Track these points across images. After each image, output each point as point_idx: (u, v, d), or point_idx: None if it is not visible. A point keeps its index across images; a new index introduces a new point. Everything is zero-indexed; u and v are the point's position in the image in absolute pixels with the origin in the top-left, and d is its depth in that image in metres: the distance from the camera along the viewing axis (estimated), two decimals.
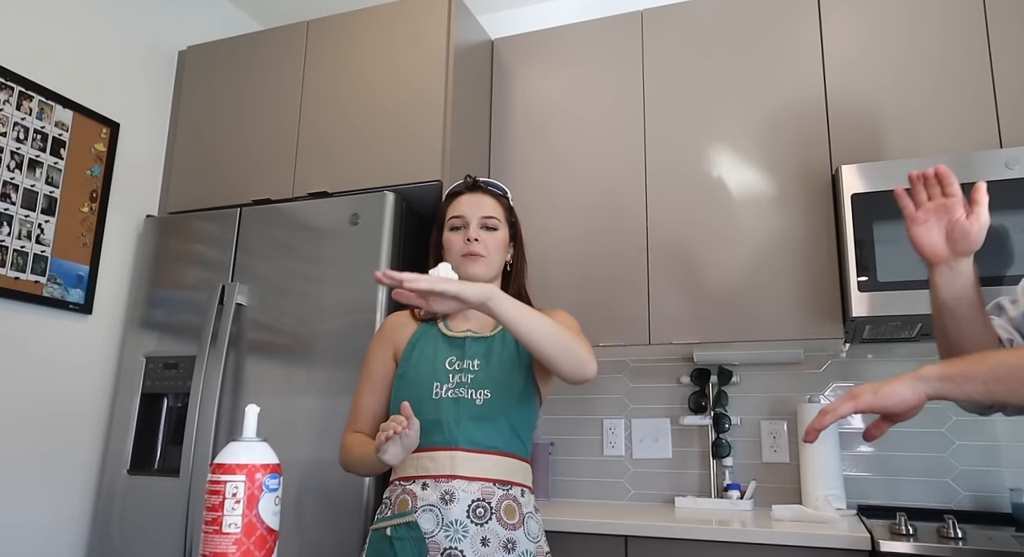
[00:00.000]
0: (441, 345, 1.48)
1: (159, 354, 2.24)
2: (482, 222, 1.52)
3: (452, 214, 1.54)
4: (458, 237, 1.51)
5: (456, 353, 1.46)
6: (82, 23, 2.39)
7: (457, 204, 1.55)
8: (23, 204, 2.15)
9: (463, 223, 1.52)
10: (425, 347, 1.48)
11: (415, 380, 1.44)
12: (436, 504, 1.34)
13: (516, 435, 1.42)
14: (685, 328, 2.15)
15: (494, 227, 1.53)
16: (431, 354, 1.46)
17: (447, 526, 1.32)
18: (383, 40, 2.35)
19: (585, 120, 2.41)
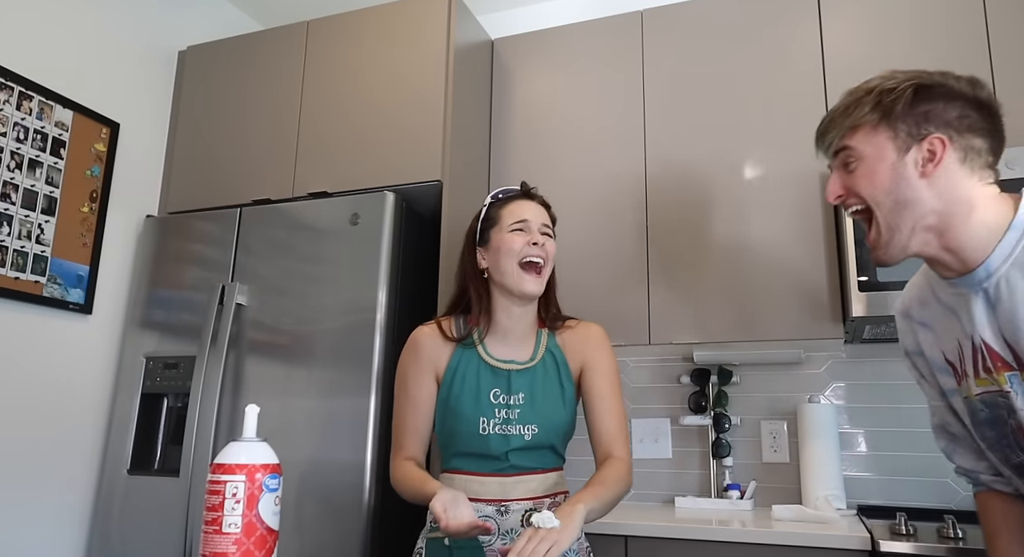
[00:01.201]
0: (484, 374, 1.47)
1: (159, 354, 2.24)
2: (542, 229, 1.52)
3: (514, 218, 1.51)
4: (521, 238, 1.49)
5: (501, 386, 1.46)
6: (82, 23, 2.39)
7: (518, 208, 1.53)
8: (23, 204, 2.15)
9: (527, 227, 1.50)
10: (467, 375, 1.47)
11: (460, 413, 1.44)
12: (492, 515, 1.40)
13: (558, 454, 1.50)
14: (685, 328, 2.15)
15: (550, 235, 1.54)
16: (474, 385, 1.46)
17: (503, 535, 1.38)
18: (383, 40, 2.35)
19: (585, 120, 2.40)
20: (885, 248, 1.04)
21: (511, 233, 1.50)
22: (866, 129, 1.04)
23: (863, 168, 1.04)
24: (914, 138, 1.01)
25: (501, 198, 1.57)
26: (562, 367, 1.51)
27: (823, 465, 2.07)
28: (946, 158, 1.00)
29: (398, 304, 2.05)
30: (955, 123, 1.01)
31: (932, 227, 1.00)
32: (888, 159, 1.02)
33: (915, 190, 1.00)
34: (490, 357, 1.49)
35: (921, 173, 1.00)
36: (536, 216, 1.52)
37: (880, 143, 1.03)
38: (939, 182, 1.00)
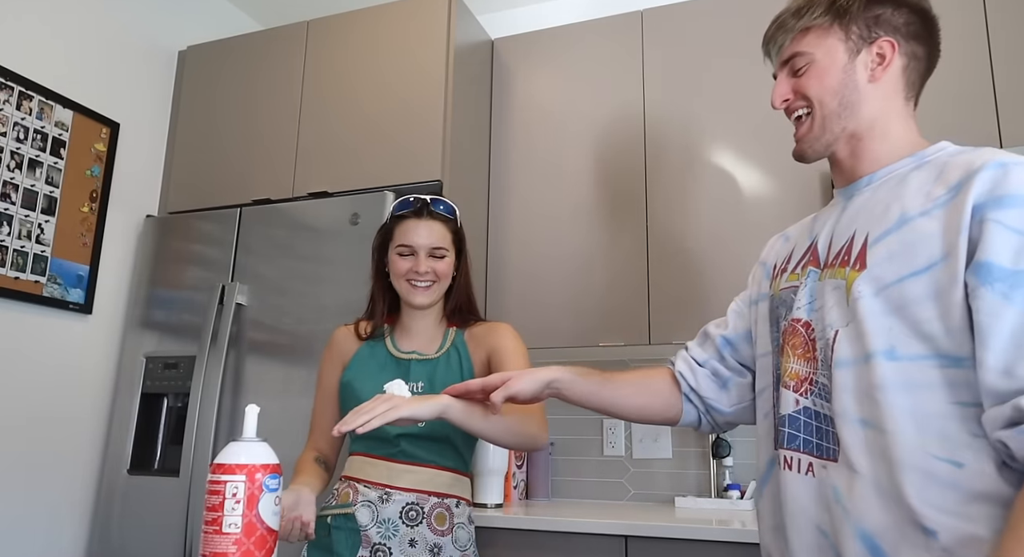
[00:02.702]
0: (387, 363, 1.51)
1: (159, 354, 2.24)
2: (432, 252, 1.51)
3: (401, 240, 1.51)
4: (405, 264, 1.50)
5: (400, 374, 1.48)
6: (82, 23, 2.39)
7: (404, 230, 1.52)
8: (23, 204, 2.15)
9: (411, 252, 1.50)
10: (370, 363, 1.52)
11: (359, 395, 1.45)
12: (374, 501, 1.42)
13: (457, 452, 1.48)
14: (685, 328, 2.15)
15: (443, 255, 1.52)
16: (375, 370, 1.50)
17: (380, 523, 1.40)
18: (383, 40, 2.35)
19: (585, 119, 2.40)
20: (812, 143, 1.04)
21: (398, 256, 1.52)
22: (818, 31, 1.03)
23: (814, 70, 1.03)
24: (865, 41, 1.01)
25: (395, 215, 1.57)
26: (464, 361, 1.52)
27: None
28: (892, 64, 1.01)
29: None
30: (903, 29, 1.02)
31: (858, 133, 1.01)
32: (839, 61, 1.01)
33: (861, 94, 1.00)
34: (395, 348, 1.53)
35: (870, 77, 1.00)
36: (423, 240, 1.50)
37: (831, 45, 1.02)
38: (882, 89, 1.01)
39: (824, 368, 0.94)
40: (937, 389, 0.84)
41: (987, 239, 0.81)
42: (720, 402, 1.24)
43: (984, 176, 0.84)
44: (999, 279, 0.79)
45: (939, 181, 0.90)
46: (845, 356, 0.91)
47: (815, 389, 0.96)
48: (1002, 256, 0.80)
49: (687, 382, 1.25)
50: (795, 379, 0.99)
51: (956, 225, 0.84)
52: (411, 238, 1.50)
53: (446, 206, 1.58)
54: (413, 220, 1.52)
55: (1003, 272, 0.79)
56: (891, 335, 0.87)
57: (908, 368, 0.86)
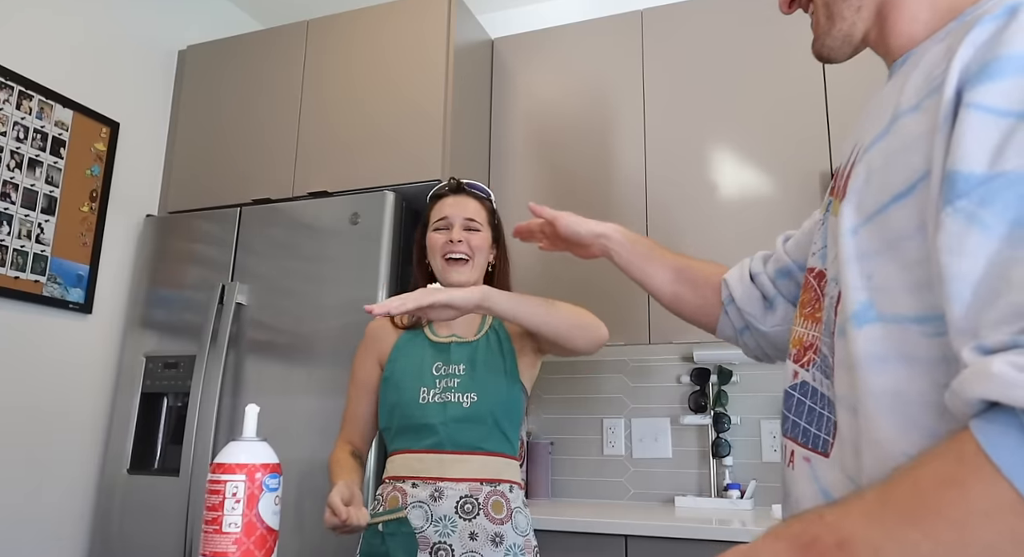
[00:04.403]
0: (427, 350, 1.50)
1: (159, 354, 2.24)
2: (465, 224, 1.54)
3: (437, 216, 1.56)
4: (441, 237, 1.53)
5: (442, 358, 1.48)
6: (82, 22, 2.39)
7: (441, 205, 1.57)
8: (23, 204, 2.15)
9: (447, 224, 1.54)
10: (411, 352, 1.50)
11: (401, 384, 1.46)
12: (425, 501, 1.37)
13: (503, 434, 1.45)
14: (685, 328, 2.15)
15: (477, 228, 1.54)
16: (417, 359, 1.49)
17: (436, 521, 1.36)
18: (383, 40, 2.35)
19: (585, 119, 2.40)
20: (824, 39, 0.83)
21: (434, 232, 1.55)
22: None
23: None
24: None
25: (432, 196, 1.61)
26: (504, 343, 1.51)
27: None
28: None
29: None
30: None
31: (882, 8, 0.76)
32: None
33: None
34: (434, 335, 1.52)
35: None
36: (458, 211, 1.54)
37: None
38: None
39: (827, 334, 0.71)
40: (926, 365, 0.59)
41: (957, 136, 0.56)
42: (762, 321, 1.01)
43: (974, 35, 0.58)
44: (964, 193, 0.54)
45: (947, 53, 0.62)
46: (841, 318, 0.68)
47: (818, 359, 0.73)
48: (974, 157, 0.54)
49: (728, 290, 1.06)
50: (798, 346, 0.78)
51: (935, 120, 0.59)
52: (446, 210, 1.55)
53: (480, 187, 1.62)
54: (449, 197, 1.57)
55: (971, 181, 0.54)
56: (871, 286, 0.63)
57: (891, 333, 0.61)
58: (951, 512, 0.49)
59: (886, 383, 0.61)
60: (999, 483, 0.46)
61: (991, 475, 0.47)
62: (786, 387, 0.79)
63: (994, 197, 0.52)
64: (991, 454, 0.47)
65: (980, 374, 0.49)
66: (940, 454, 0.51)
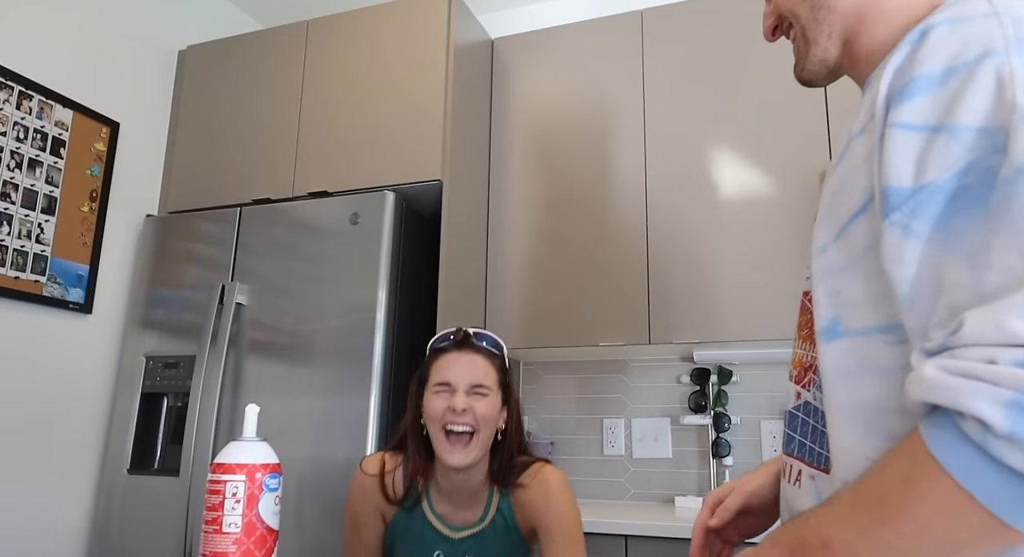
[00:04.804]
0: (427, 535, 1.34)
1: (159, 354, 2.24)
2: (472, 390, 1.31)
3: (437, 377, 1.33)
4: (442, 403, 1.30)
5: (444, 550, 1.34)
6: (82, 22, 2.39)
7: (442, 364, 1.34)
8: (23, 204, 2.15)
9: (449, 389, 1.32)
10: (410, 532, 1.36)
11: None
12: None
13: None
14: (685, 328, 2.15)
15: (484, 394, 1.32)
16: (417, 545, 1.35)
17: None
18: (383, 40, 2.35)
19: (585, 119, 2.40)
20: (803, 63, 0.85)
21: (433, 394, 1.33)
22: None
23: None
24: None
25: (433, 349, 1.39)
26: (513, 531, 1.35)
27: None
28: None
29: (398, 304, 2.05)
30: None
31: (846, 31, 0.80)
32: None
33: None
34: (435, 517, 1.35)
35: None
36: (464, 375, 1.31)
37: None
38: None
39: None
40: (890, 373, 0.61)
41: (886, 154, 0.59)
42: None
43: (895, 60, 0.62)
44: (897, 207, 0.57)
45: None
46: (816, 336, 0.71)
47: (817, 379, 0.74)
48: (901, 172, 0.57)
49: None
50: (798, 367, 0.80)
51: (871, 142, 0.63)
52: (448, 373, 1.32)
53: (491, 340, 1.39)
54: (453, 353, 1.35)
55: (901, 195, 0.57)
56: (838, 302, 0.66)
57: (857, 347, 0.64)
58: (911, 509, 0.52)
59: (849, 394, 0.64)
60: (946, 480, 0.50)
61: (938, 472, 0.50)
62: (789, 408, 0.81)
63: (921, 207, 0.56)
64: (935, 453, 0.50)
65: (918, 378, 0.52)
66: (898, 455, 0.55)
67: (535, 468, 1.36)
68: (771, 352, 2.25)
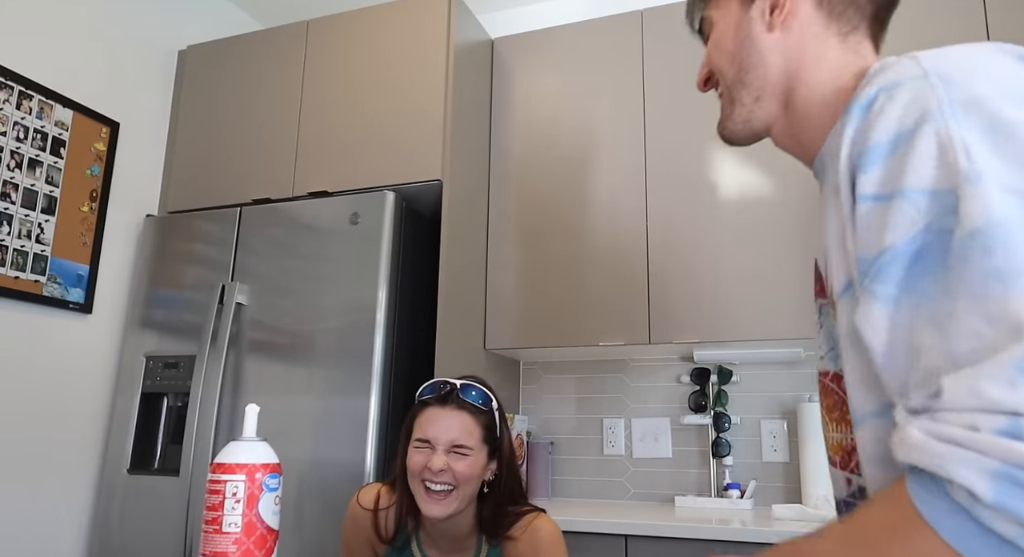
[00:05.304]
0: None
1: (159, 353, 2.24)
2: (454, 449, 1.28)
3: (418, 434, 1.30)
4: (421, 459, 1.28)
5: None
6: (82, 22, 2.39)
7: (424, 420, 1.31)
8: (23, 203, 2.15)
9: (429, 446, 1.29)
10: None
11: None
12: None
13: None
14: (685, 328, 2.15)
15: (465, 454, 1.28)
16: None
17: None
18: (383, 40, 2.35)
19: (585, 119, 2.40)
20: (724, 122, 0.85)
21: (414, 449, 1.30)
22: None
23: (713, 36, 0.85)
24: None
25: (418, 400, 1.36)
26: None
27: (823, 464, 2.07)
28: (795, 3, 0.78)
29: (398, 303, 2.05)
30: None
31: (778, 98, 0.80)
32: (733, 18, 0.82)
33: (760, 52, 0.79)
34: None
35: (768, 26, 0.79)
36: (444, 433, 1.28)
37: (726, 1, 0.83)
38: (792, 36, 0.79)
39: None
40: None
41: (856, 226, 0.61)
42: None
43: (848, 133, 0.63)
44: (864, 273, 0.58)
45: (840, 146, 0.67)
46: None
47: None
48: (868, 241, 0.59)
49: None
50: (840, 452, 0.78)
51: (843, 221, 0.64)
52: (429, 430, 1.29)
53: (479, 394, 1.34)
54: (435, 409, 1.32)
55: (867, 262, 0.58)
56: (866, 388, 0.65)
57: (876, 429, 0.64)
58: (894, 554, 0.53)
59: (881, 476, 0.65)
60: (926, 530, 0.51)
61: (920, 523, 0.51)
62: (841, 498, 0.79)
63: (884, 271, 0.56)
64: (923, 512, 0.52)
65: (903, 440, 0.53)
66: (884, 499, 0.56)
67: (527, 520, 1.33)
68: (771, 352, 2.25)
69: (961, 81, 0.58)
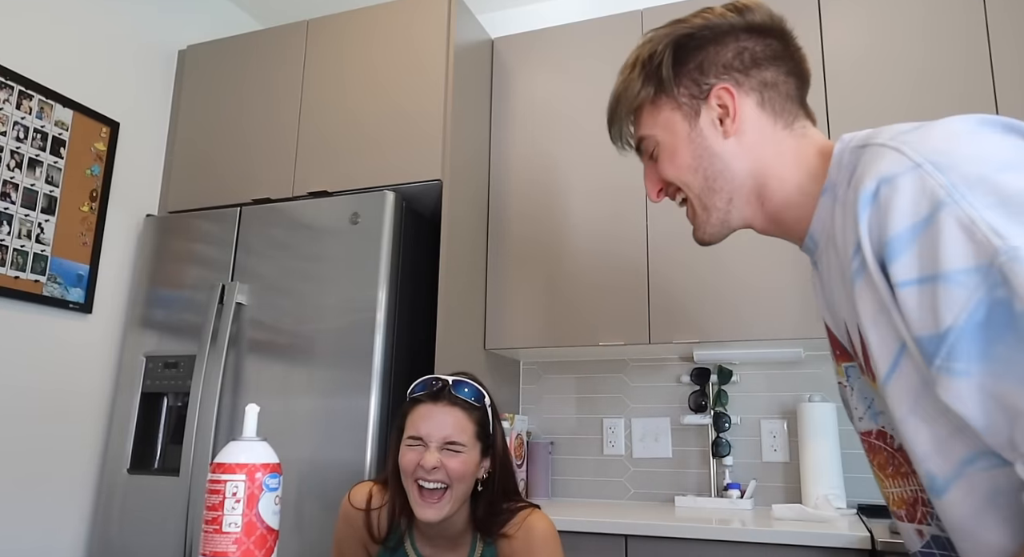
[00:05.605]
0: None
1: (159, 353, 2.24)
2: (446, 445, 1.27)
3: (410, 432, 1.29)
4: (414, 457, 1.27)
5: None
6: (82, 22, 2.39)
7: (416, 417, 1.30)
8: (23, 203, 2.15)
9: (420, 442, 1.28)
10: None
11: None
12: None
13: None
14: (685, 328, 2.15)
15: (458, 451, 1.27)
16: None
17: None
18: (383, 39, 2.35)
19: (585, 119, 2.40)
20: (703, 227, 0.91)
21: (406, 447, 1.29)
22: (647, 109, 0.91)
23: (663, 152, 0.90)
24: (698, 98, 0.87)
25: (409, 397, 1.35)
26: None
27: (823, 464, 2.07)
28: (741, 107, 0.85)
29: (398, 303, 2.05)
30: (735, 63, 0.87)
31: (750, 196, 0.87)
32: (681, 133, 0.88)
33: (722, 158, 0.86)
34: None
35: (723, 133, 0.86)
36: (437, 430, 1.27)
37: (667, 118, 0.89)
38: (746, 138, 0.85)
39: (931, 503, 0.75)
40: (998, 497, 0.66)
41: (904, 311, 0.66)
42: None
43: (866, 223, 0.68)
44: (934, 353, 0.63)
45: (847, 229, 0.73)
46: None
47: (932, 510, 0.76)
48: (924, 322, 0.64)
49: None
50: (903, 506, 0.81)
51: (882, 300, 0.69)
52: (421, 426, 1.28)
53: (471, 390, 1.33)
54: (427, 405, 1.30)
55: (933, 342, 0.63)
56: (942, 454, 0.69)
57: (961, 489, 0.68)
58: None
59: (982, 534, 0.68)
60: None
61: None
62: (916, 550, 0.81)
63: (956, 348, 0.61)
64: None
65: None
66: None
67: (521, 517, 1.32)
68: (771, 352, 2.25)
69: (953, 164, 0.63)
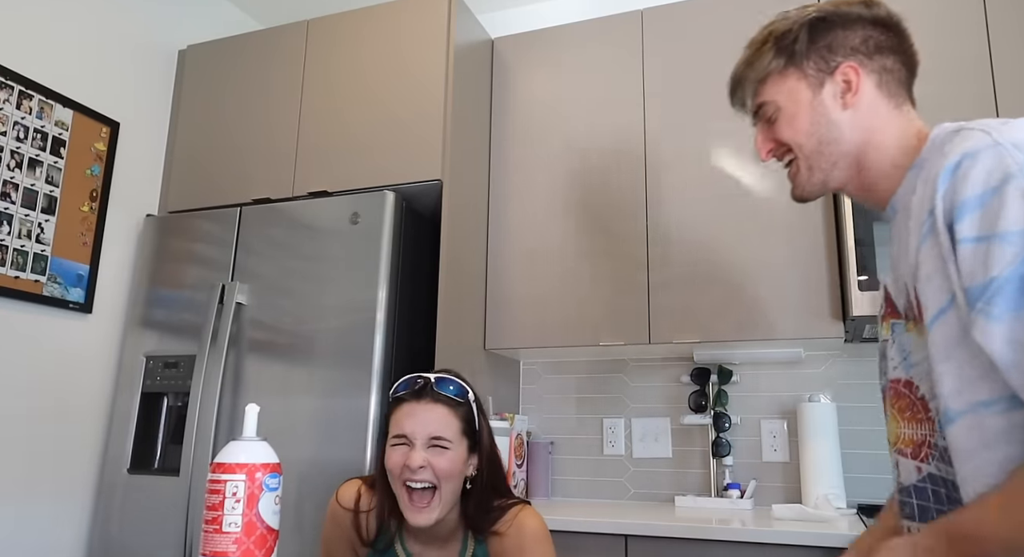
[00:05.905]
0: None
1: (159, 353, 2.24)
2: (432, 442, 1.25)
3: (395, 430, 1.28)
4: (399, 458, 1.25)
5: None
6: (82, 22, 2.39)
7: (400, 416, 1.28)
8: (23, 203, 2.15)
9: (406, 442, 1.26)
10: None
11: None
12: None
13: None
14: (685, 328, 2.15)
15: (444, 447, 1.25)
16: None
17: None
18: (383, 39, 2.35)
19: (585, 119, 2.40)
20: (803, 186, 1.02)
21: (391, 447, 1.27)
22: (774, 78, 1.03)
23: (783, 116, 1.01)
24: (825, 72, 0.99)
25: (392, 397, 1.33)
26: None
27: (823, 464, 2.07)
28: (863, 85, 0.97)
29: (398, 303, 2.05)
30: (862, 47, 0.98)
31: (852, 162, 0.98)
32: (804, 101, 0.99)
33: (837, 126, 0.98)
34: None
35: (842, 105, 0.98)
36: (422, 427, 1.25)
37: (792, 87, 1.00)
38: (861, 112, 0.97)
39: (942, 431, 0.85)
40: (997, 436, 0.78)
41: (960, 263, 0.77)
42: None
43: (943, 190, 0.80)
44: (977, 298, 0.75)
45: (925, 197, 0.85)
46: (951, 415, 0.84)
47: (935, 452, 0.88)
48: (975, 274, 0.75)
49: None
50: (911, 445, 0.93)
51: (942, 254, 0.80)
52: (405, 425, 1.26)
53: (455, 387, 1.31)
54: (411, 403, 1.28)
55: (978, 290, 0.75)
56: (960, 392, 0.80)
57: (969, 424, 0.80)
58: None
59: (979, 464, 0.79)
60: None
61: None
62: (912, 483, 0.93)
63: (996, 296, 0.73)
64: None
65: None
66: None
67: (512, 514, 1.31)
68: (771, 352, 2.25)
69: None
